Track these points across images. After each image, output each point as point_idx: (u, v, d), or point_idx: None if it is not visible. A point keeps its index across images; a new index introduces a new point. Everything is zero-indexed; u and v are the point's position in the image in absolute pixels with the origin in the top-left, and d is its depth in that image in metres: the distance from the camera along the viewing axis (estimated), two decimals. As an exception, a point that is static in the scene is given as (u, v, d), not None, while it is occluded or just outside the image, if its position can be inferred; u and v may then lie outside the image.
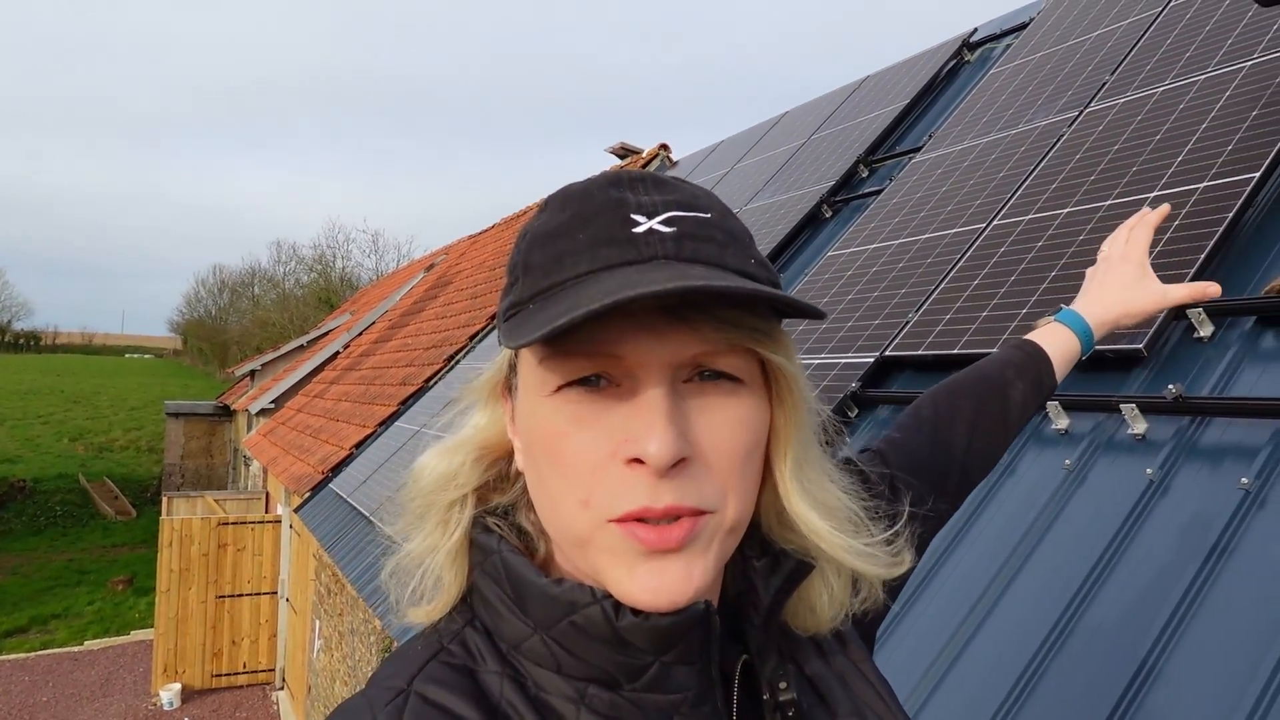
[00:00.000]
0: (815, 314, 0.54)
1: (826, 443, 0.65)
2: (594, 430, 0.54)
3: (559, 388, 0.54)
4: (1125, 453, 2.18)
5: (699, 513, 0.53)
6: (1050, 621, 1.92)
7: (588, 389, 0.54)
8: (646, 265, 0.53)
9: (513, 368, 0.61)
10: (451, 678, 0.56)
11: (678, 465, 0.52)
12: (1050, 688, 1.81)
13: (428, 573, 0.62)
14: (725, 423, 0.55)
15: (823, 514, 0.60)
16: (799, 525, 0.60)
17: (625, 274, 0.52)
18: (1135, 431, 2.18)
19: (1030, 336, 1.17)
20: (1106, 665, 1.76)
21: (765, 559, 0.62)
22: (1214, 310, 2.30)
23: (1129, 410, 2.19)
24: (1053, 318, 1.21)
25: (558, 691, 0.56)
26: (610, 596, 0.54)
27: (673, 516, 0.52)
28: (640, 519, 0.52)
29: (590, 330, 0.52)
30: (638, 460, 0.52)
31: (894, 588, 0.81)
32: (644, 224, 0.54)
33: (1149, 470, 2.05)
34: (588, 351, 0.53)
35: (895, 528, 0.66)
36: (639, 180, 0.58)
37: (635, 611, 0.53)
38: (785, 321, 0.60)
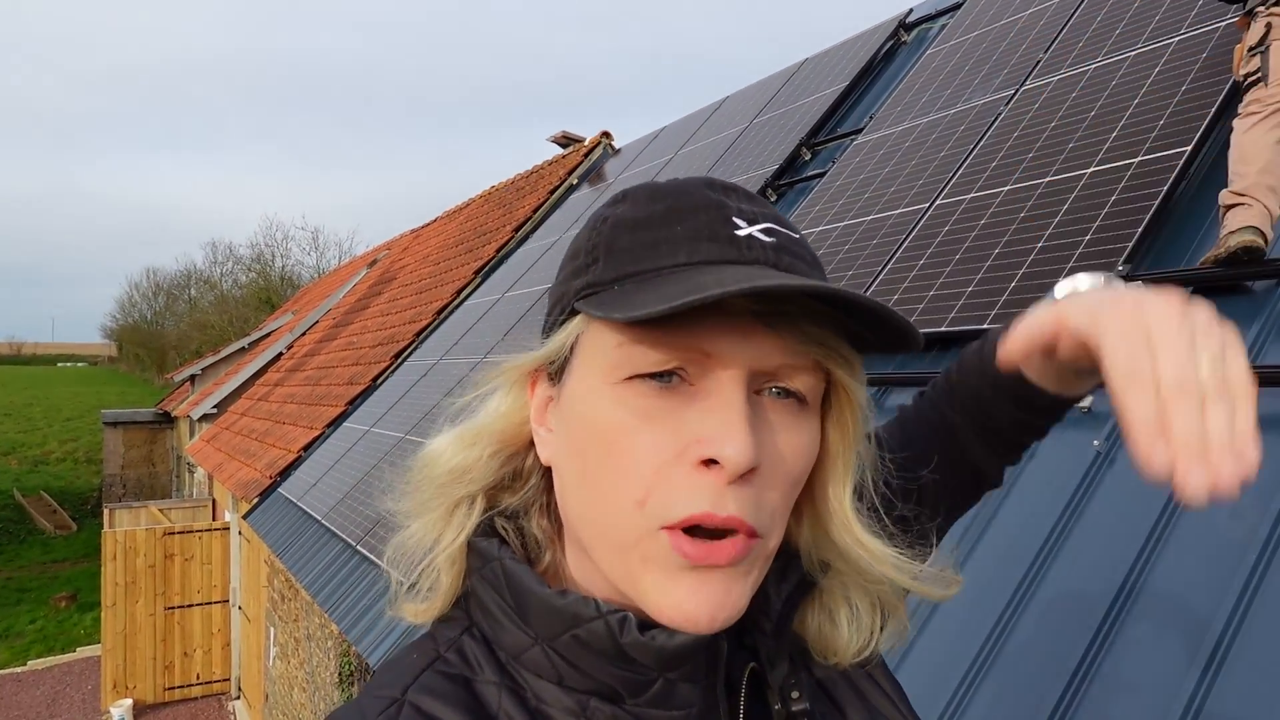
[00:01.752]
0: (914, 341, 0.52)
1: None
2: (663, 427, 0.51)
3: (629, 377, 0.52)
4: (1072, 425, 2.22)
5: (753, 534, 0.51)
6: (1008, 593, 1.95)
7: (661, 384, 0.51)
8: (749, 267, 0.52)
9: (570, 350, 0.57)
10: (447, 688, 0.55)
11: (747, 475, 0.50)
12: (1009, 659, 1.84)
13: (427, 570, 0.60)
14: (789, 442, 0.53)
15: (879, 535, 0.59)
16: (853, 552, 0.59)
17: (731, 271, 0.50)
18: (1081, 404, 2.22)
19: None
20: (1064, 632, 1.80)
21: (774, 565, 0.60)
22: (1153, 282, 2.35)
23: (1075, 384, 2.24)
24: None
25: (558, 704, 0.54)
26: (615, 611, 0.52)
27: (728, 530, 0.50)
28: (694, 528, 0.50)
29: (685, 322, 0.50)
30: (709, 462, 0.50)
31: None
32: (745, 229, 0.54)
33: (1095, 442, 2.10)
34: (675, 344, 0.51)
35: (932, 544, 0.66)
36: (732, 189, 0.57)
37: (641, 629, 0.51)
38: None
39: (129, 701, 10.16)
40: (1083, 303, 0.56)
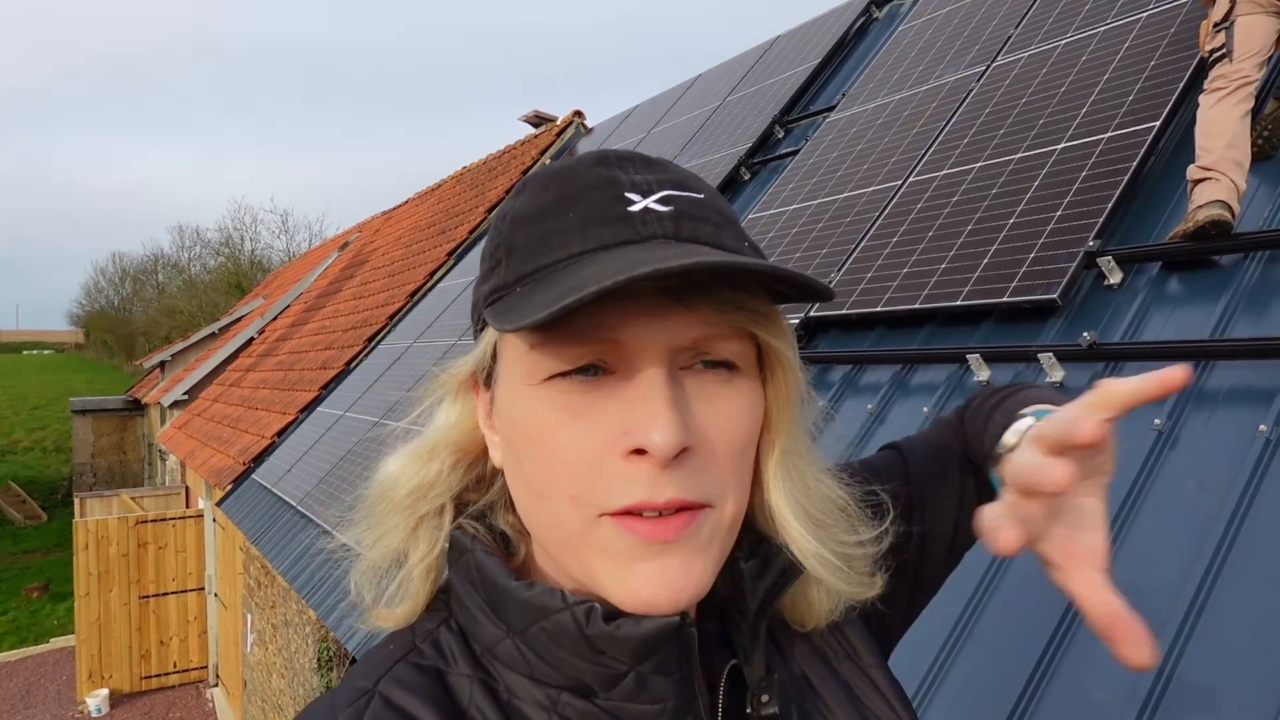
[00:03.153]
0: (825, 293, 0.51)
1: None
2: (588, 421, 0.50)
3: (549, 377, 0.51)
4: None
5: (700, 506, 0.50)
6: (980, 569, 1.97)
7: (583, 379, 0.51)
8: (646, 245, 0.50)
9: (493, 356, 0.57)
10: (418, 680, 0.54)
11: (679, 456, 0.49)
12: (983, 637, 1.87)
13: (401, 583, 0.59)
14: (724, 411, 0.52)
15: (798, 511, 0.57)
16: (773, 520, 0.58)
17: (626, 254, 0.49)
18: (1053, 379, 2.24)
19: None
20: (1039, 608, 1.82)
21: (754, 560, 0.59)
22: (1122, 258, 2.37)
23: (1046, 359, 2.26)
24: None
25: (529, 698, 0.54)
26: (582, 602, 0.51)
27: (673, 510, 0.49)
28: (637, 513, 0.49)
29: (590, 314, 0.49)
30: (638, 451, 0.49)
31: (922, 599, 0.79)
32: (639, 202, 0.52)
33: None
34: (586, 337, 0.50)
35: (879, 545, 0.62)
36: (627, 159, 0.55)
37: (606, 619, 0.50)
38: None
39: (105, 691, 10.09)
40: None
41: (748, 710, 0.59)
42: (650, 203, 0.52)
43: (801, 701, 0.62)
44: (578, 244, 0.51)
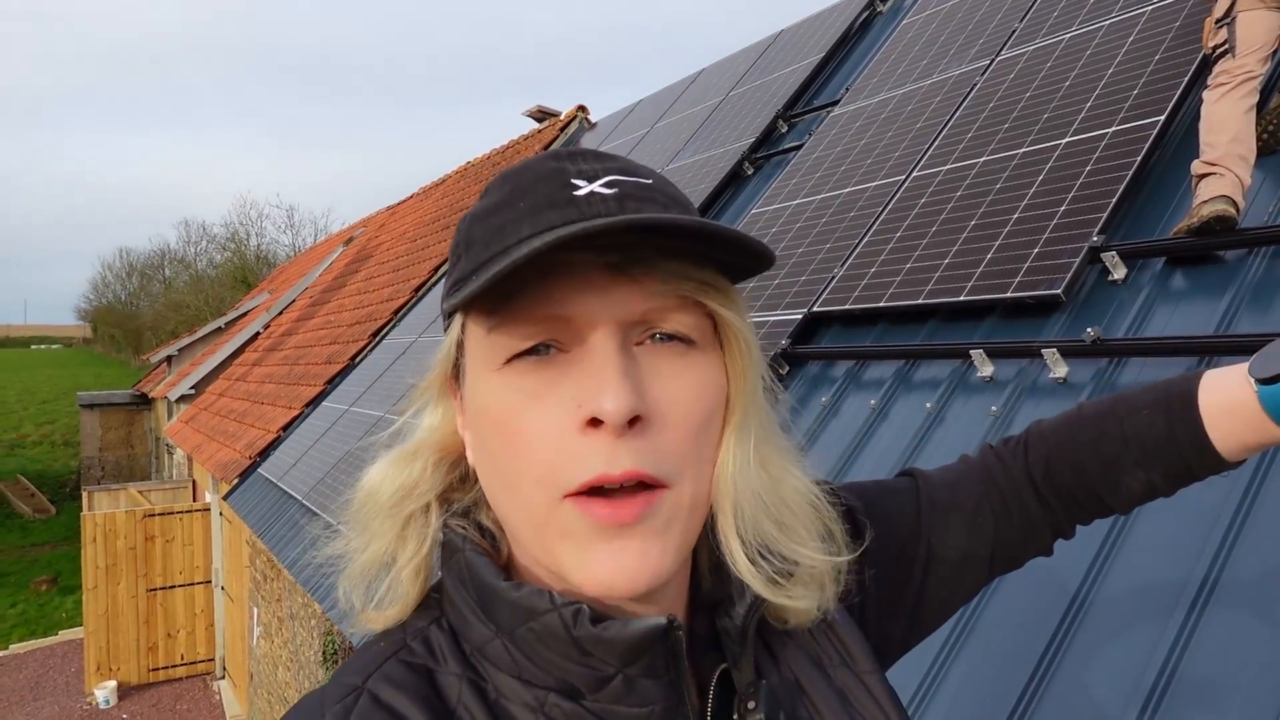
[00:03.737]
0: (765, 256, 0.52)
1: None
2: (547, 401, 0.51)
3: (507, 360, 0.52)
4: (1048, 396, 2.24)
5: (657, 484, 0.51)
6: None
7: (538, 359, 0.52)
8: (589, 224, 0.50)
9: (459, 349, 0.58)
10: (407, 678, 0.54)
11: (634, 426, 0.50)
12: (984, 633, 1.87)
13: (390, 584, 0.59)
14: (680, 385, 0.53)
15: (746, 491, 0.56)
16: (716, 501, 0.56)
17: (567, 230, 0.50)
18: (1057, 375, 2.24)
19: (1216, 397, 0.75)
20: (1041, 604, 1.82)
21: (742, 562, 0.58)
22: (1126, 253, 2.37)
23: (1050, 355, 2.25)
24: (1254, 383, 0.73)
25: (517, 698, 0.54)
26: (570, 604, 0.51)
27: (631, 483, 0.50)
28: (598, 490, 0.50)
29: (535, 293, 0.51)
30: (593, 423, 0.50)
31: (929, 620, 0.79)
32: (585, 187, 0.53)
33: (1070, 412, 2.11)
34: (534, 316, 0.51)
35: (846, 557, 0.62)
36: (578, 153, 0.57)
37: (594, 621, 0.51)
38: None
39: (113, 683, 10.14)
40: None
41: (734, 716, 0.59)
42: (596, 187, 0.53)
43: (793, 707, 0.62)
44: (527, 229, 0.52)
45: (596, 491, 0.50)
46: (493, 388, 0.53)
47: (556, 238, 0.46)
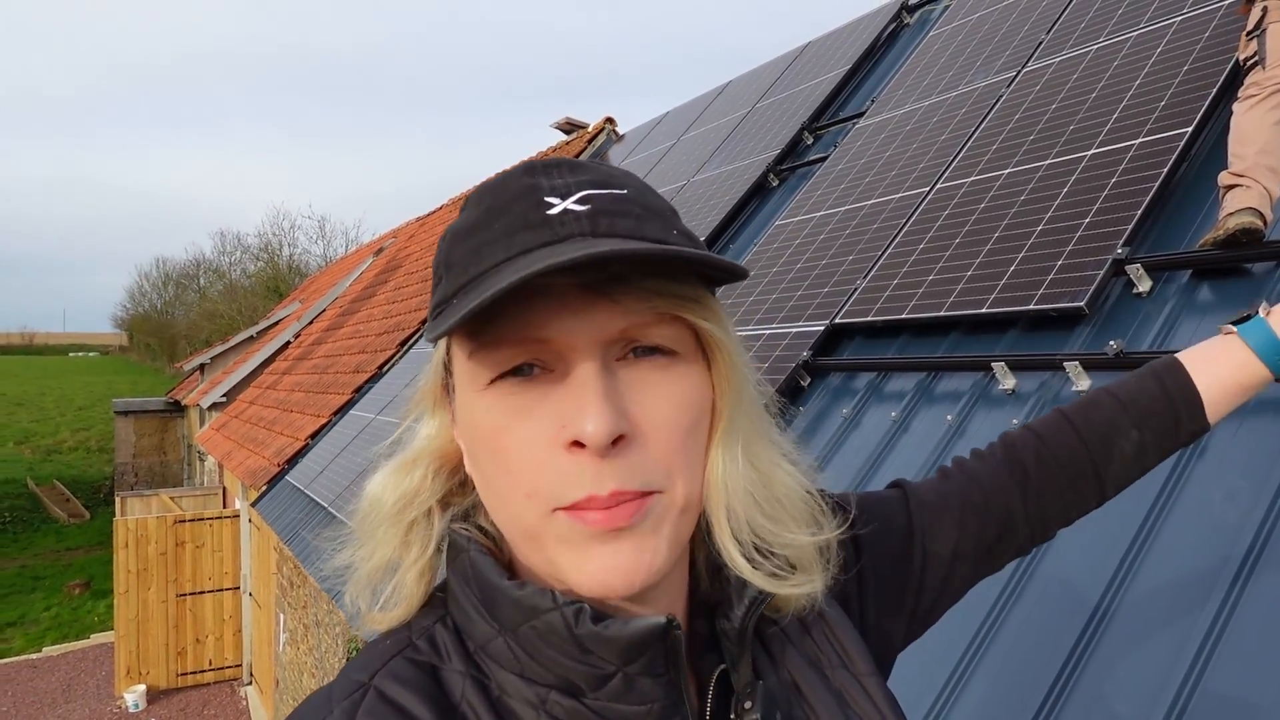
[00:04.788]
0: (736, 272, 0.53)
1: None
2: (531, 420, 0.52)
3: (492, 381, 0.53)
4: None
5: (646, 494, 0.52)
6: (1001, 581, 1.95)
7: (521, 379, 0.53)
8: (562, 244, 0.52)
9: (447, 369, 0.60)
10: (413, 675, 0.56)
11: (618, 445, 0.51)
12: (1003, 647, 1.85)
13: (395, 587, 0.61)
14: (663, 397, 0.54)
15: (737, 491, 0.58)
16: (707, 503, 0.58)
17: (541, 255, 0.51)
18: (1079, 388, 2.21)
19: (1196, 354, 0.89)
20: (1061, 618, 1.80)
21: (741, 564, 0.60)
22: (1151, 265, 2.34)
23: (1072, 368, 2.23)
24: (1233, 327, 0.91)
25: (519, 695, 0.55)
26: (572, 603, 0.52)
27: (619, 502, 0.51)
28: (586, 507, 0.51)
29: (514, 316, 0.52)
30: (577, 444, 0.51)
31: (923, 620, 0.81)
32: (558, 205, 0.54)
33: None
34: (514, 339, 0.52)
35: (832, 534, 0.64)
36: (552, 166, 0.57)
37: (595, 619, 0.52)
38: (721, 294, 0.59)
39: (142, 687, 10.27)
40: None
41: (731, 716, 0.59)
42: (569, 204, 0.54)
43: (790, 709, 0.62)
44: (502, 251, 0.53)
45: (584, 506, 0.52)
46: (479, 408, 0.55)
47: (530, 273, 0.47)
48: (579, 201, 0.54)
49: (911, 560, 0.79)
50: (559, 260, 0.47)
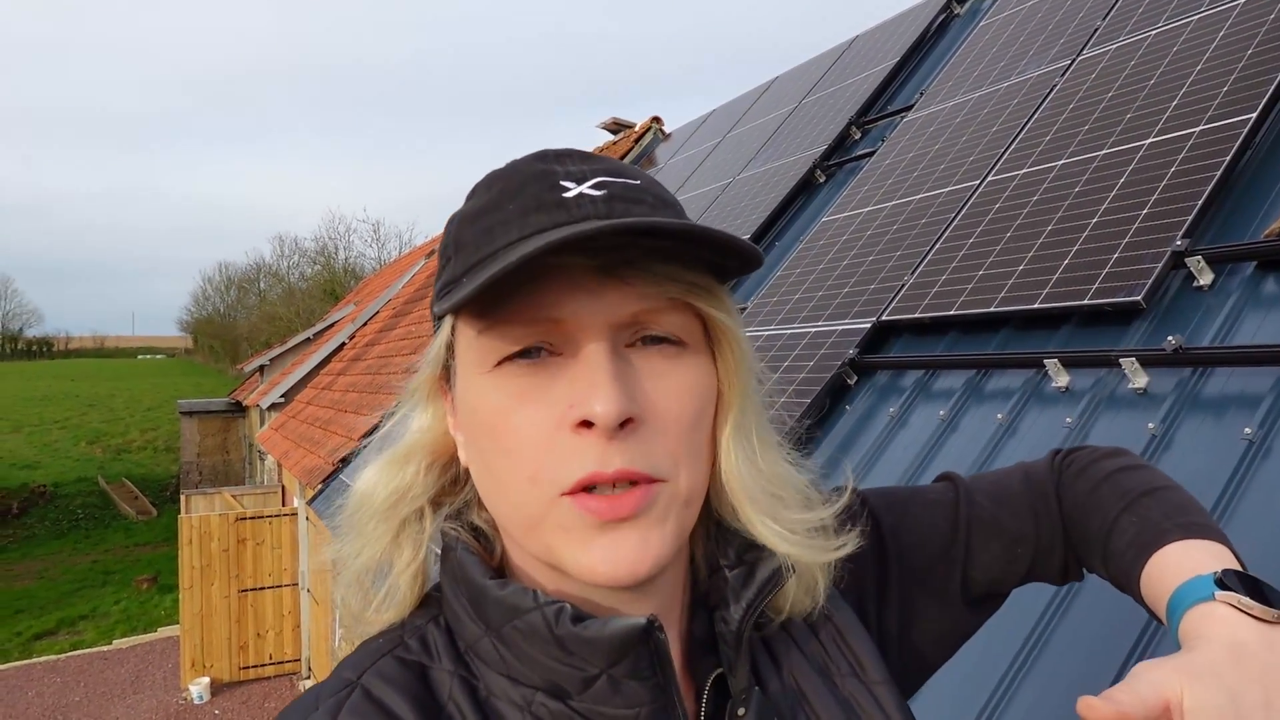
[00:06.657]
0: (752, 257, 0.52)
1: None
2: (538, 402, 0.52)
3: (499, 362, 0.53)
4: (1127, 407, 2.14)
5: (651, 480, 0.51)
6: (1050, 591, 1.89)
7: (529, 362, 0.52)
8: (579, 225, 0.51)
9: (449, 351, 0.59)
10: (400, 674, 0.56)
11: (626, 427, 0.50)
12: (1050, 660, 1.79)
13: (388, 589, 0.61)
14: (671, 386, 0.53)
15: (751, 486, 0.58)
16: (728, 495, 0.58)
17: (557, 234, 0.50)
18: (1136, 385, 2.14)
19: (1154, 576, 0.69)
20: (1112, 630, 1.74)
21: (740, 569, 0.59)
22: (1213, 257, 2.25)
23: (1129, 364, 2.15)
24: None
25: (506, 696, 0.55)
26: (553, 603, 0.52)
27: (624, 482, 0.50)
28: (590, 487, 0.51)
29: (526, 296, 0.51)
30: (585, 424, 0.50)
31: (947, 645, 0.75)
32: (574, 189, 0.53)
33: (1151, 425, 2.02)
34: (525, 318, 0.52)
35: (838, 505, 0.63)
36: (565, 154, 0.57)
37: (574, 620, 0.51)
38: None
39: (206, 680, 10.55)
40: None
41: None
42: (584, 189, 0.53)
43: (793, 715, 0.61)
44: (516, 231, 0.52)
45: (591, 488, 0.51)
46: (484, 389, 0.54)
47: (548, 243, 0.46)
48: (594, 187, 0.54)
49: (947, 576, 0.74)
50: (583, 229, 0.47)
